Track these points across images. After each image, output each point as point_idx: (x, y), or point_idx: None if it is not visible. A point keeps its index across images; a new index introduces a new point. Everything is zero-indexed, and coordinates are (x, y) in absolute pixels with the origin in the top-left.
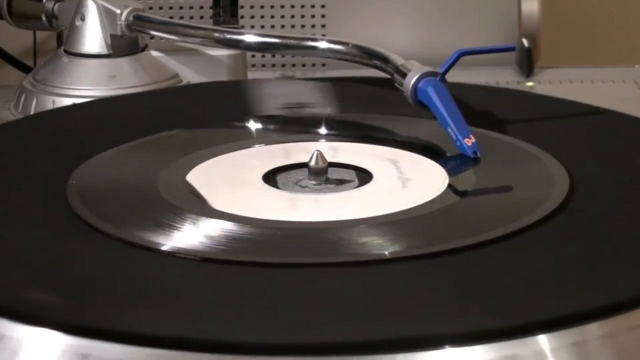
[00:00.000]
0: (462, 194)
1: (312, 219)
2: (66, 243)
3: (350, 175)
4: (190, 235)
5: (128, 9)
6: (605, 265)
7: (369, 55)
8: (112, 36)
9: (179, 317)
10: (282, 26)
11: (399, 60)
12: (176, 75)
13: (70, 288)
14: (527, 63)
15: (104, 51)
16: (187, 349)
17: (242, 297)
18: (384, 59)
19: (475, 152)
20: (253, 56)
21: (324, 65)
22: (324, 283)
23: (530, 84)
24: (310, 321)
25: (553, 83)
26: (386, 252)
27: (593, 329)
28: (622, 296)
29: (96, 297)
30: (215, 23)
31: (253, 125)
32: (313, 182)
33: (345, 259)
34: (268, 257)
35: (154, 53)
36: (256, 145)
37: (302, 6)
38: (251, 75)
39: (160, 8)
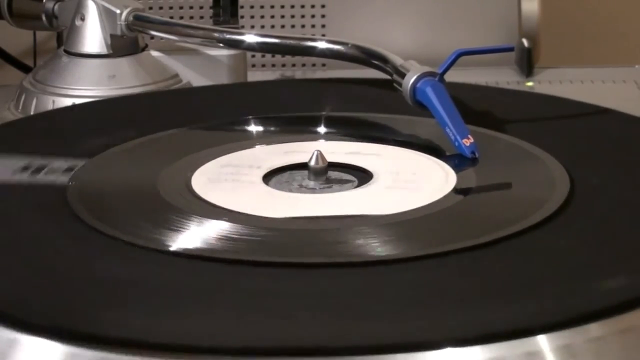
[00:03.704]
0: (462, 194)
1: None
2: (66, 244)
3: (350, 175)
4: (190, 236)
5: (128, 9)
6: (606, 266)
7: (368, 56)
8: (112, 36)
9: (179, 317)
10: (282, 26)
11: (398, 61)
12: (176, 75)
13: (69, 289)
14: (527, 63)
15: (104, 51)
16: (187, 350)
17: (242, 297)
18: (383, 59)
19: (473, 153)
20: (253, 56)
21: (324, 65)
22: (324, 283)
23: (530, 84)
24: (309, 322)
25: (553, 83)
26: (386, 252)
27: (594, 330)
28: (624, 297)
29: (96, 298)
30: (215, 23)
31: (253, 126)
32: (313, 182)
33: (345, 259)
34: (267, 257)
35: (154, 53)
36: (256, 146)
37: (302, 6)
38: (251, 75)
39: (160, 8)
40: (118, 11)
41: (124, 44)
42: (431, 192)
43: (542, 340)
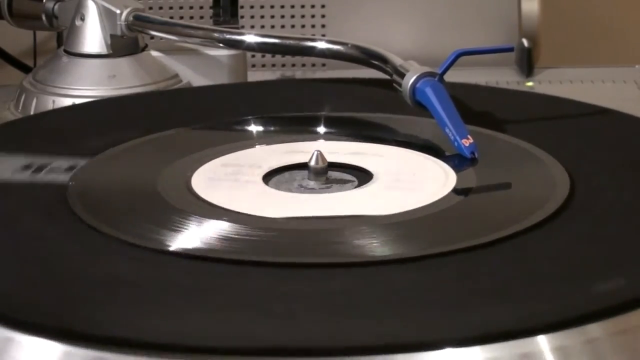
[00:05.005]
0: (462, 194)
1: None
2: (65, 243)
3: (350, 175)
4: (189, 236)
5: (128, 9)
6: (605, 266)
7: (368, 56)
8: (112, 36)
9: (178, 317)
10: (282, 26)
11: (397, 61)
12: (176, 75)
13: (70, 290)
14: (527, 63)
15: (104, 51)
16: (187, 351)
17: (242, 297)
18: (383, 59)
19: (472, 153)
20: (253, 56)
21: (324, 65)
22: (324, 283)
23: (530, 84)
24: (308, 322)
25: (553, 83)
26: (386, 253)
27: (594, 330)
28: (622, 298)
29: (95, 297)
30: (215, 23)
31: (253, 126)
32: (313, 182)
33: (344, 259)
34: (267, 257)
35: (154, 53)
36: (256, 146)
37: (302, 6)
38: (251, 75)
39: (160, 8)
40: (118, 11)
41: (124, 44)
42: (431, 192)
43: (541, 341)
